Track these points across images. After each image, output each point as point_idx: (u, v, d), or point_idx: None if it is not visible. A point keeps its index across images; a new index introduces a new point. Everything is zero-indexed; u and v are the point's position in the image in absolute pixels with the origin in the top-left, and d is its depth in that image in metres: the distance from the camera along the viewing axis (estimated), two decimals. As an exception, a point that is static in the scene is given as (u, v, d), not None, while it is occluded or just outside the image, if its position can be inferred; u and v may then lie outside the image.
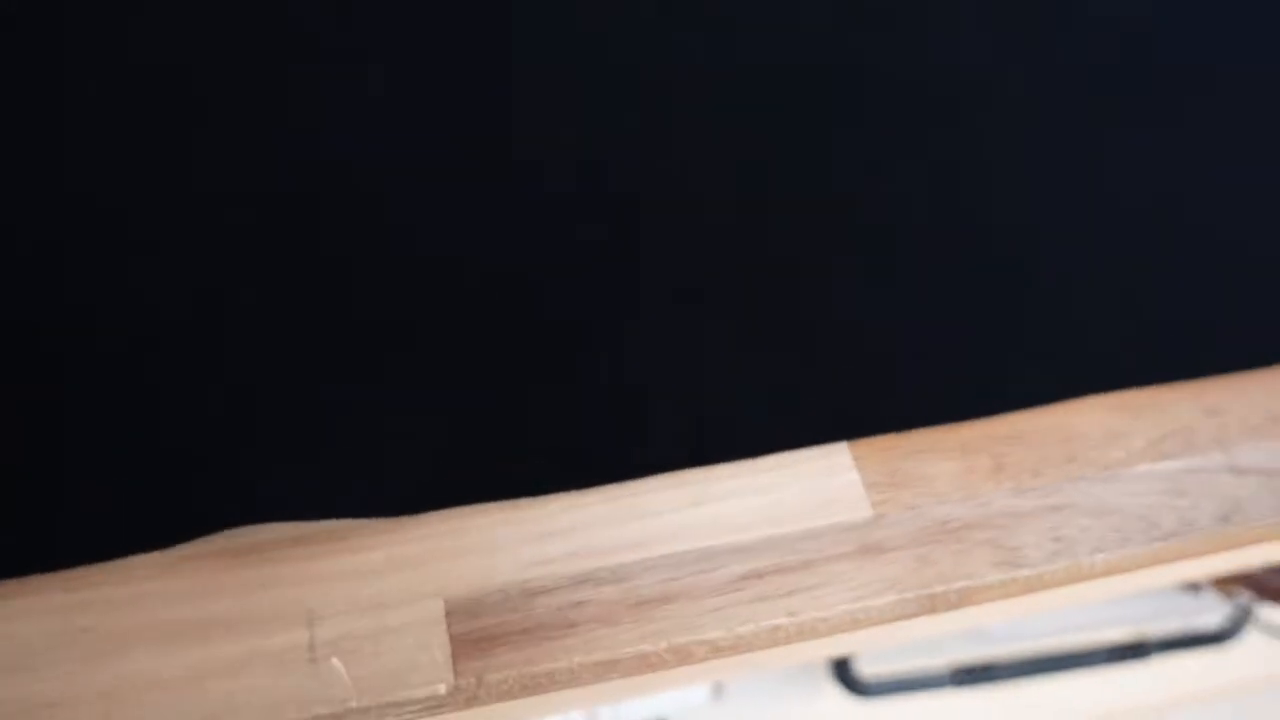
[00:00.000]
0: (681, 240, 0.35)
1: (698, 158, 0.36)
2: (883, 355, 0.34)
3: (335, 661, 0.27)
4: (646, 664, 0.28)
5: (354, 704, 0.27)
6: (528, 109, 0.36)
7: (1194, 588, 0.59)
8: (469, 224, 0.34)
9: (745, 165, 0.37)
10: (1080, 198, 0.38)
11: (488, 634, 0.28)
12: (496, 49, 0.36)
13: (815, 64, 0.39)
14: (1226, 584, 0.57)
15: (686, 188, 0.36)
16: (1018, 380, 0.34)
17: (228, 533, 0.28)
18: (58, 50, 0.34)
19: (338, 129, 0.35)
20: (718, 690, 0.59)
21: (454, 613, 0.28)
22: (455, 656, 0.27)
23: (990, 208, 0.37)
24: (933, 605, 0.30)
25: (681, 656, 0.29)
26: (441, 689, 0.27)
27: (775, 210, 0.36)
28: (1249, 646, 0.68)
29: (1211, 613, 0.64)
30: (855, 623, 0.30)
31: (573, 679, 0.28)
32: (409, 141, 0.35)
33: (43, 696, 0.26)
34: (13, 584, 0.27)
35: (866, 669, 0.61)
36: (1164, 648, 0.63)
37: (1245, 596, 0.59)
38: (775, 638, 0.29)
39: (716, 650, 0.29)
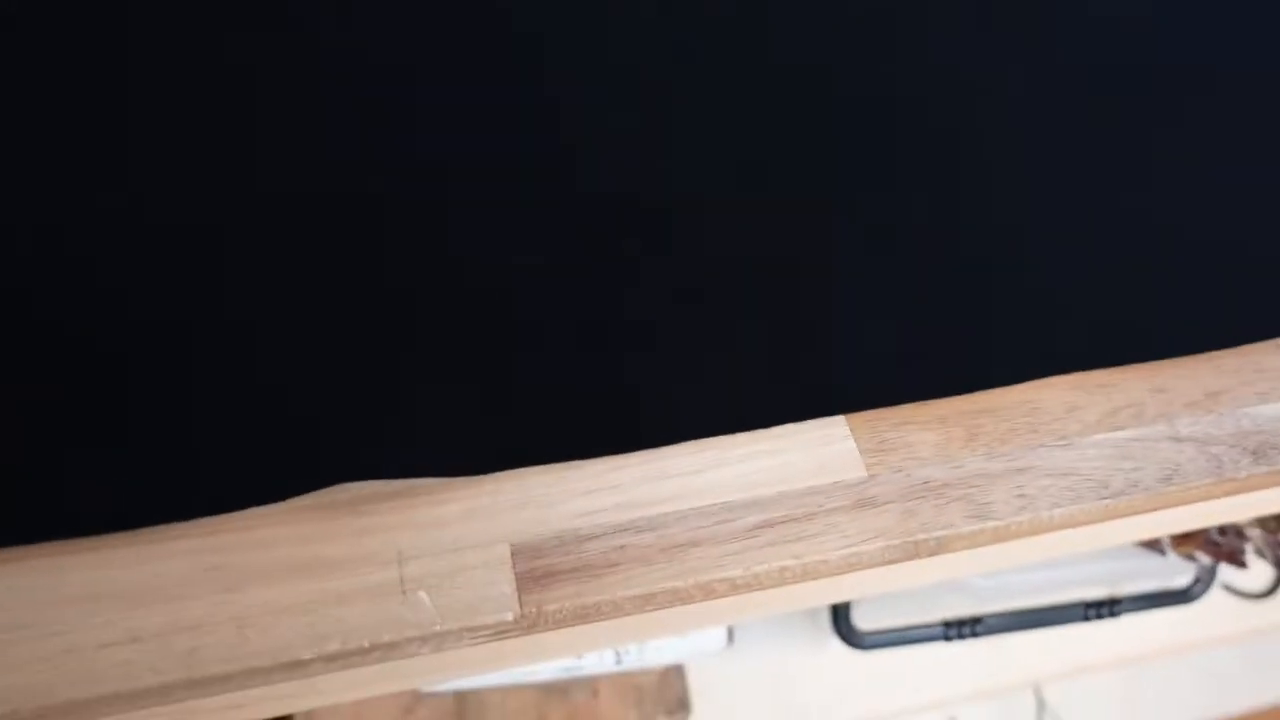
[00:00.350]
0: (682, 240, 0.35)
1: (698, 157, 0.36)
2: (881, 355, 0.35)
3: (422, 594, 0.31)
4: (677, 598, 0.32)
5: (438, 628, 0.30)
6: (529, 111, 0.36)
7: (1159, 551, 0.62)
8: (470, 225, 0.35)
9: (745, 165, 0.36)
10: (1062, 198, 0.38)
11: (546, 572, 0.31)
12: (497, 52, 0.37)
13: (815, 64, 0.38)
14: (1186, 546, 0.61)
15: (687, 187, 0.36)
16: (993, 363, 0.36)
17: (332, 489, 0.32)
18: (57, 51, 0.34)
19: (339, 131, 0.35)
20: (731, 640, 0.63)
21: (518, 554, 0.31)
22: (519, 590, 0.31)
23: (989, 210, 0.37)
24: (916, 551, 0.33)
25: (706, 592, 0.32)
26: (509, 616, 0.31)
27: (775, 210, 0.36)
28: (1213, 605, 0.70)
29: (1178, 574, 0.66)
30: (850, 565, 0.33)
31: (615, 610, 0.32)
32: (410, 143, 0.35)
33: (187, 621, 0.30)
34: (160, 530, 0.31)
35: (864, 624, 0.63)
36: (1135, 605, 0.65)
37: (1205, 558, 0.62)
38: (784, 577, 0.33)
39: (735, 587, 0.32)
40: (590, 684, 0.61)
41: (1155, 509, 0.36)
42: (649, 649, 0.58)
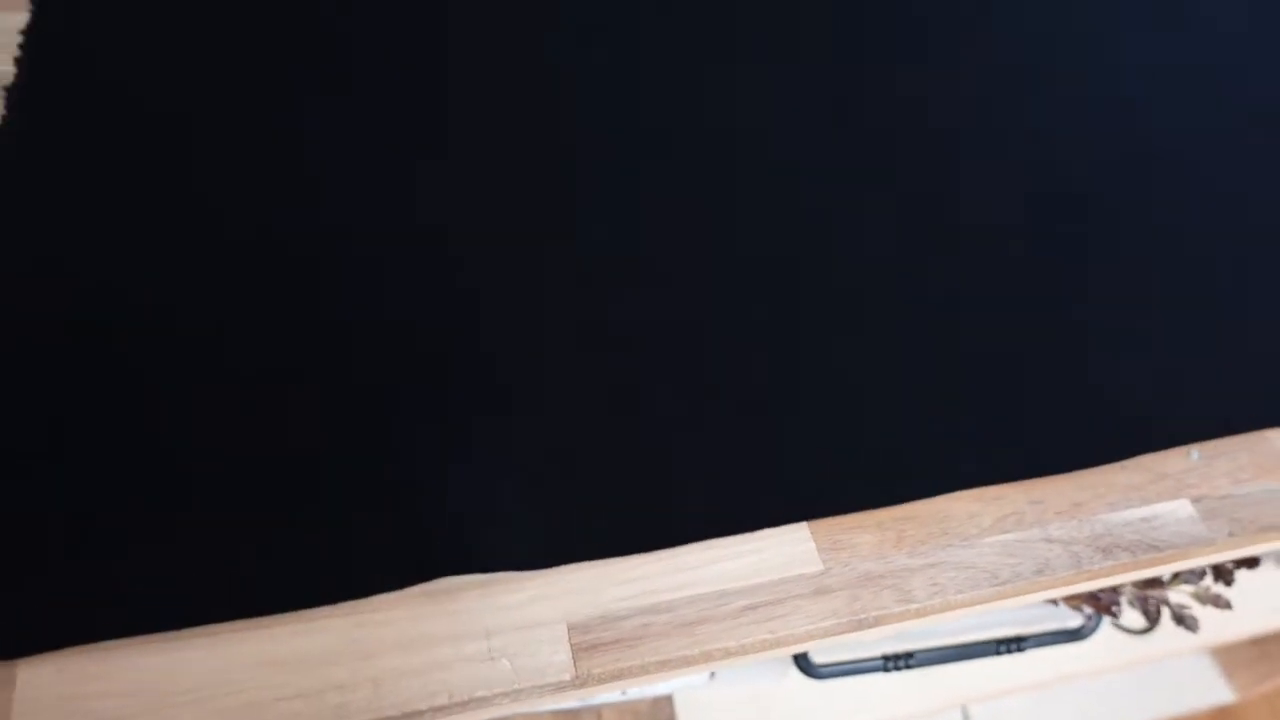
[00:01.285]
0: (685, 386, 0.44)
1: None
2: (834, 477, 0.43)
3: (504, 660, 0.38)
4: (686, 661, 0.39)
5: (517, 686, 0.37)
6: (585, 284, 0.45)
7: (1054, 603, 0.70)
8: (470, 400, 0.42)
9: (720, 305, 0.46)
10: (955, 357, 0.46)
11: (593, 644, 0.39)
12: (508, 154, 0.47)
13: (781, 255, 0.47)
14: (1074, 600, 0.69)
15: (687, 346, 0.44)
16: (913, 481, 0.44)
17: (436, 580, 0.39)
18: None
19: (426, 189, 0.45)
20: (712, 675, 0.71)
21: (572, 630, 0.39)
22: (574, 657, 0.38)
23: (862, 368, 0.46)
24: (859, 625, 0.41)
25: (708, 657, 0.40)
26: (567, 677, 0.37)
27: (721, 353, 0.45)
28: (1101, 642, 0.78)
29: (1072, 618, 0.73)
30: (810, 636, 0.41)
31: (643, 671, 0.39)
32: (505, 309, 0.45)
33: (334, 681, 0.37)
34: (314, 611, 0.38)
35: (819, 658, 0.69)
36: (1038, 642, 0.71)
37: (1089, 609, 0.71)
38: (763, 645, 0.40)
39: (728, 654, 0.40)
40: (596, 710, 0.69)
41: (1031, 592, 0.45)
42: (647, 683, 0.65)
